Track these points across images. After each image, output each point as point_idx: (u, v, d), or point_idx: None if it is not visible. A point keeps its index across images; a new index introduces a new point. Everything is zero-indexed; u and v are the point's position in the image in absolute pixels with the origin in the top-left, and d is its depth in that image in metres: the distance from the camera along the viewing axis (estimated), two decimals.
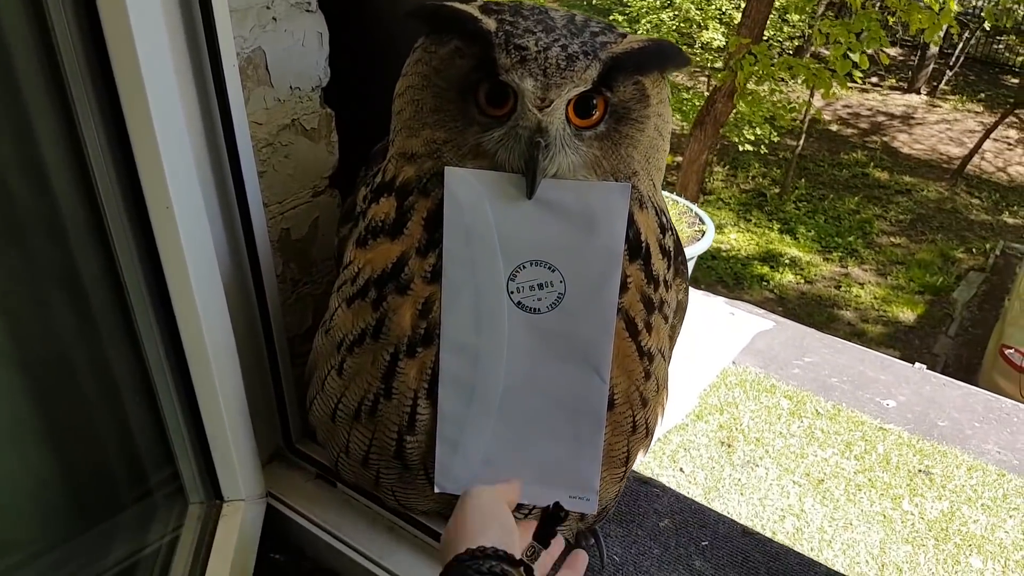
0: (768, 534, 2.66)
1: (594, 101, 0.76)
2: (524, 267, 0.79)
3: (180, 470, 1.04)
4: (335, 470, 1.01)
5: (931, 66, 12.37)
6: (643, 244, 0.81)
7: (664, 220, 0.86)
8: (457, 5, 0.76)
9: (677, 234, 0.92)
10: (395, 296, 0.80)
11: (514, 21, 0.74)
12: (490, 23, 0.73)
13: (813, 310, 7.88)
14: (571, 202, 0.77)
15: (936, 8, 5.50)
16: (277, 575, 1.10)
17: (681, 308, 0.96)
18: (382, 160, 0.88)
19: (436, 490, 0.87)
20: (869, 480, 2.86)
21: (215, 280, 0.91)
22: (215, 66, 0.88)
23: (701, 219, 4.00)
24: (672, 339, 0.96)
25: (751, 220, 9.58)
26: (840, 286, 8.30)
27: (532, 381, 0.83)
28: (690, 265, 3.78)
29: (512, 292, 0.79)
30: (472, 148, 0.77)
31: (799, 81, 7.74)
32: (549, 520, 0.84)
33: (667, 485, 1.27)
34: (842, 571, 2.53)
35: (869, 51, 6.31)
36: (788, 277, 8.41)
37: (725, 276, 8.36)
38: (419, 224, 0.79)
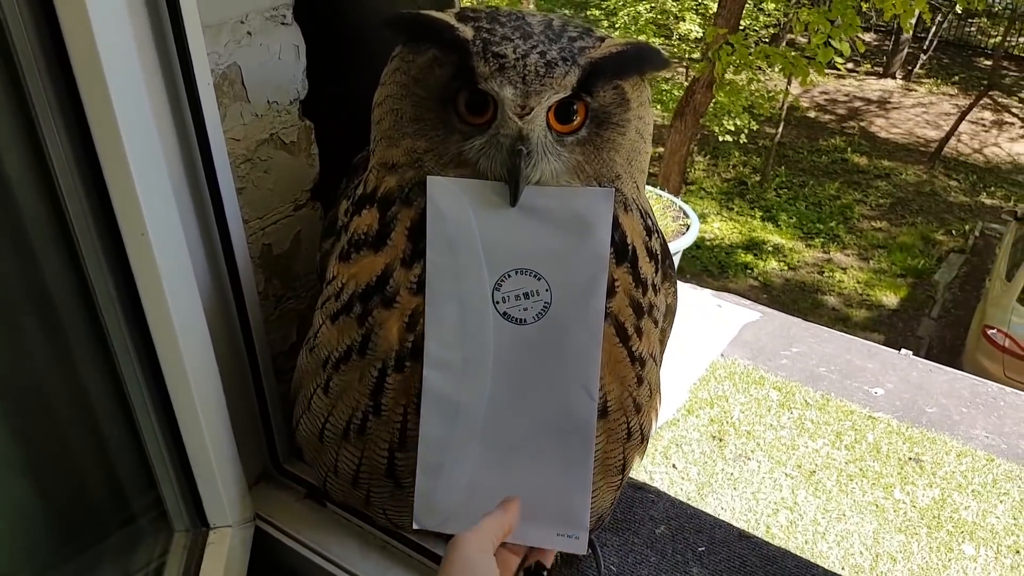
0: (763, 528, 2.68)
1: (574, 107, 0.75)
2: (509, 276, 0.77)
3: (164, 497, 1.02)
4: (324, 490, 0.99)
5: (905, 50, 12.49)
6: (629, 247, 0.80)
7: (650, 223, 0.85)
8: (433, 14, 0.74)
9: (663, 237, 0.91)
10: (381, 310, 0.79)
11: (491, 28, 0.73)
12: (467, 31, 0.72)
13: (798, 296, 7.95)
14: (555, 208, 0.76)
15: None
16: None
17: (671, 312, 0.96)
18: (362, 172, 0.86)
19: (415, 527, 0.82)
20: (860, 470, 2.88)
21: (194, 303, 0.89)
22: (189, 84, 0.85)
23: (685, 212, 4.00)
24: (663, 343, 0.95)
25: (733, 209, 9.64)
26: (823, 272, 8.36)
27: (518, 398, 0.80)
28: (676, 259, 3.78)
29: (498, 302, 0.77)
30: (453, 157, 0.76)
31: (776, 69, 7.79)
32: None
33: (661, 489, 1.26)
34: (837, 564, 2.55)
35: (848, 37, 6.34)
36: (772, 264, 8.46)
37: (710, 265, 8.40)
38: (403, 235, 0.77)
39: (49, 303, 0.86)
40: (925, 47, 12.44)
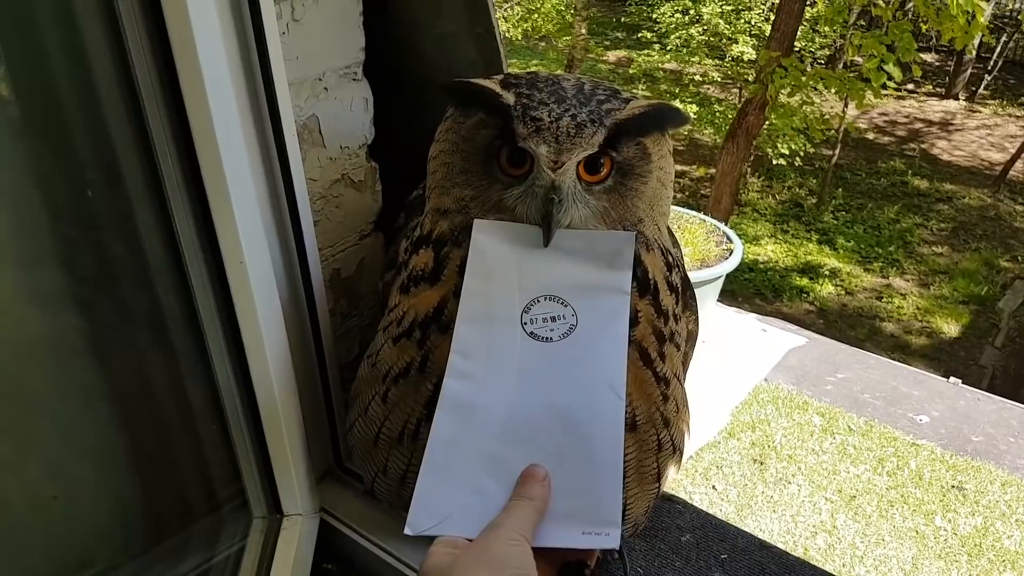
0: (800, 551, 2.69)
1: (601, 160, 0.84)
2: (538, 301, 0.84)
3: (246, 488, 1.16)
4: (371, 490, 1.06)
5: (968, 71, 12.19)
6: (651, 281, 0.89)
7: (670, 259, 0.94)
8: (481, 82, 0.86)
9: (685, 271, 1.00)
10: (438, 335, 0.89)
11: (530, 94, 0.83)
12: (509, 97, 0.83)
13: (855, 322, 7.81)
14: (583, 248, 0.85)
15: (964, 20, 5.47)
16: None
17: (692, 337, 1.04)
18: (418, 210, 0.98)
19: (408, 532, 0.75)
20: (901, 496, 2.87)
21: (279, 321, 1.03)
22: (277, 134, 0.99)
23: (728, 237, 4.04)
24: (685, 365, 1.03)
25: (788, 231, 9.54)
26: (881, 297, 8.21)
27: (542, 403, 0.80)
28: (720, 282, 3.83)
29: (525, 323, 0.83)
30: (495, 203, 0.86)
31: (832, 92, 7.74)
32: None
33: (689, 502, 1.35)
34: None
35: (905, 61, 6.29)
36: (828, 289, 8.34)
37: (763, 288, 8.33)
38: (454, 271, 0.88)
39: (161, 321, 1.02)
40: (989, 67, 12.12)
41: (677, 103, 10.42)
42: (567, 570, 0.76)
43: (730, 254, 3.77)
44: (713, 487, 2.89)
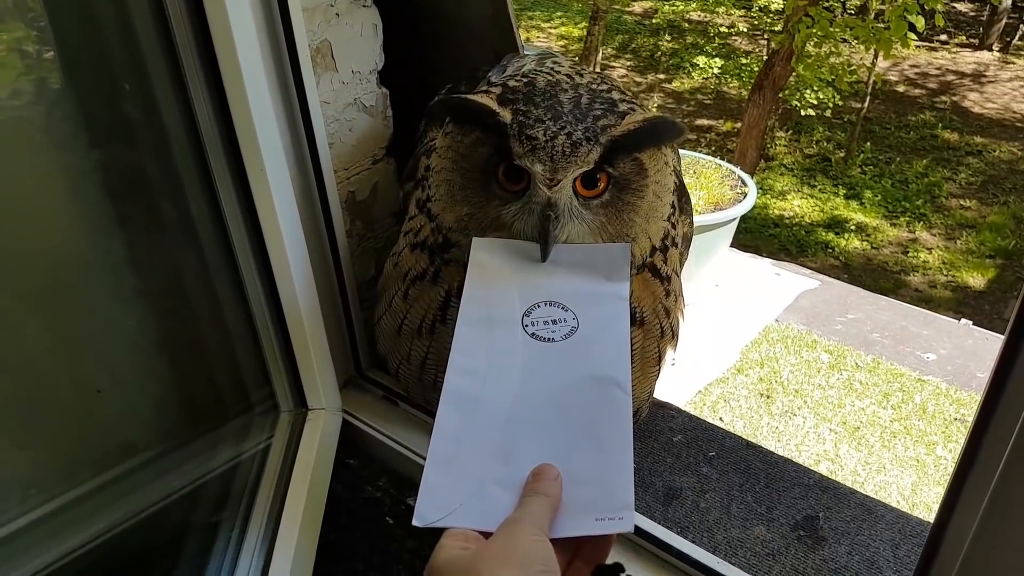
0: None
1: (598, 176, 0.86)
2: (538, 306, 0.85)
3: (274, 387, 1.27)
4: (395, 375, 1.15)
5: (1003, 21, 11.79)
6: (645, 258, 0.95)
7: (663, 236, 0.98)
8: (479, 99, 0.86)
9: (681, 178, 1.05)
10: (444, 266, 0.97)
11: (527, 111, 0.84)
12: (506, 115, 0.84)
13: (879, 276, 7.76)
14: (581, 261, 0.87)
15: None
16: (351, 475, 1.32)
17: (686, 238, 1.11)
18: (436, 120, 1.02)
19: (416, 523, 0.72)
20: (905, 428, 2.94)
21: (298, 231, 1.13)
22: (293, 58, 1.08)
23: (743, 181, 4.06)
24: (681, 263, 1.10)
25: (815, 186, 9.41)
26: (908, 251, 8.12)
27: (547, 397, 0.79)
28: (733, 225, 3.85)
29: (527, 326, 0.83)
30: (493, 220, 0.88)
31: (859, 41, 7.56)
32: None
33: (681, 408, 1.45)
34: None
35: (929, 8, 6.13)
36: (854, 243, 8.27)
37: (788, 244, 8.28)
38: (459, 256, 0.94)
39: (191, 224, 1.13)
40: None
41: (703, 55, 10.28)
42: (600, 571, 0.74)
43: (744, 197, 3.79)
44: (720, 419, 2.98)
